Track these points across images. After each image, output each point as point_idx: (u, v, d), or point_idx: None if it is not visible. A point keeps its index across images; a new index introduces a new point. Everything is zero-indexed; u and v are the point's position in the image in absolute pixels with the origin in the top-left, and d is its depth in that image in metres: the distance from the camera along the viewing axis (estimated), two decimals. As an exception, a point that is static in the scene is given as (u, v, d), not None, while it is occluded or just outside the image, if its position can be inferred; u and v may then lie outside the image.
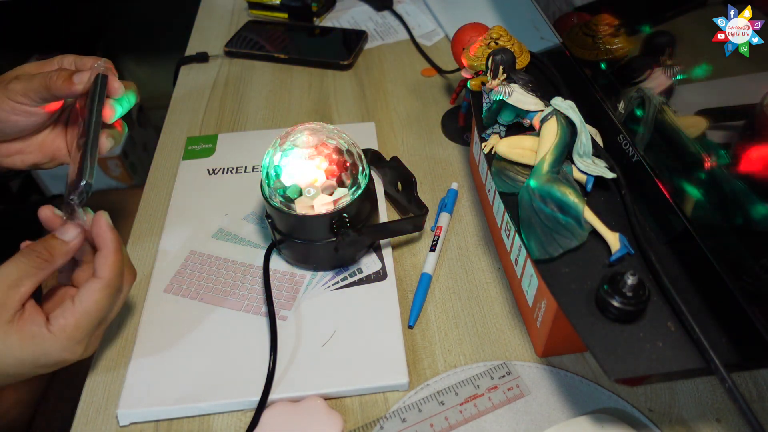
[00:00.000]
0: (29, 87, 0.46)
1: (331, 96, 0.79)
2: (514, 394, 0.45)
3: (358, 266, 0.54)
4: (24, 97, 0.46)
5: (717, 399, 0.44)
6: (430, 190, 0.63)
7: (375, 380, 0.46)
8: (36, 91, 0.46)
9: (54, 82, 0.45)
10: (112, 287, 0.41)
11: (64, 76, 0.45)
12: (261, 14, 0.96)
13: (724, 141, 0.39)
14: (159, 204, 0.63)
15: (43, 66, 0.50)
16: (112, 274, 0.41)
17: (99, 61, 0.48)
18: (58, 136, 0.52)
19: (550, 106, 0.47)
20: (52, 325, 0.39)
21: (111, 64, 0.48)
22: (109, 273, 0.40)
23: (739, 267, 0.35)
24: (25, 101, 0.47)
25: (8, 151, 0.51)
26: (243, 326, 0.50)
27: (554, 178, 0.43)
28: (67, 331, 0.39)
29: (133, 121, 1.58)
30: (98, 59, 0.49)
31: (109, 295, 0.40)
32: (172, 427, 0.45)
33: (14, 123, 0.48)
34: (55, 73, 0.46)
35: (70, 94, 0.46)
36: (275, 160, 0.49)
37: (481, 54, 0.54)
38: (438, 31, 0.91)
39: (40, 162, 0.52)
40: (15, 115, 0.47)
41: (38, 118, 0.49)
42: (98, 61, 0.48)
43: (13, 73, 0.49)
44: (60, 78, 0.45)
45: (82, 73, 0.46)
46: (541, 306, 0.45)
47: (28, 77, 0.46)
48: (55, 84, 0.45)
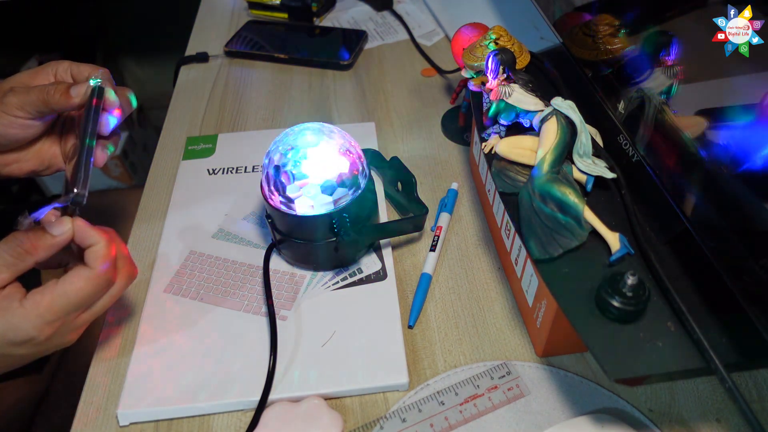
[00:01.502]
0: (26, 101, 0.45)
1: (331, 96, 0.79)
2: (514, 394, 0.45)
3: (358, 266, 0.54)
4: (21, 111, 0.46)
5: (717, 399, 0.44)
6: (430, 190, 0.63)
7: (375, 380, 0.46)
8: (33, 105, 0.45)
9: (52, 97, 0.45)
10: (100, 280, 0.40)
11: (62, 90, 0.45)
12: (261, 14, 0.96)
13: (724, 141, 0.39)
14: (159, 204, 0.63)
15: (36, 75, 0.49)
16: (103, 268, 0.40)
17: (97, 72, 0.48)
18: (54, 144, 0.52)
19: (550, 106, 0.47)
20: (26, 299, 0.38)
21: (108, 74, 0.48)
22: (100, 265, 0.40)
23: (739, 267, 0.35)
24: (22, 115, 0.46)
25: (6, 161, 0.51)
26: (243, 326, 0.50)
27: (554, 178, 0.43)
28: (40, 308, 0.38)
29: (133, 121, 1.58)
30: (95, 68, 0.48)
31: (95, 286, 0.40)
32: (172, 427, 0.45)
33: (12, 135, 0.47)
34: (53, 87, 0.45)
35: (68, 107, 0.46)
36: (275, 159, 0.49)
37: (481, 54, 0.54)
38: (438, 31, 0.91)
39: (37, 169, 0.52)
40: (12, 129, 0.47)
41: (35, 130, 0.48)
42: (96, 72, 0.47)
43: (7, 85, 0.48)
44: (57, 92, 0.45)
45: (79, 86, 0.45)
46: (541, 306, 0.45)
47: (24, 91, 0.46)
48: (53, 98, 0.45)
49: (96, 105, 0.45)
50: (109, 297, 0.42)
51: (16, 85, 0.47)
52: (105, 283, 0.41)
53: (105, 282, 0.41)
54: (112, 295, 0.43)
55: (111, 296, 0.43)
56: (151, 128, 1.64)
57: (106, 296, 0.42)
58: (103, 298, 0.42)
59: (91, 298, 0.41)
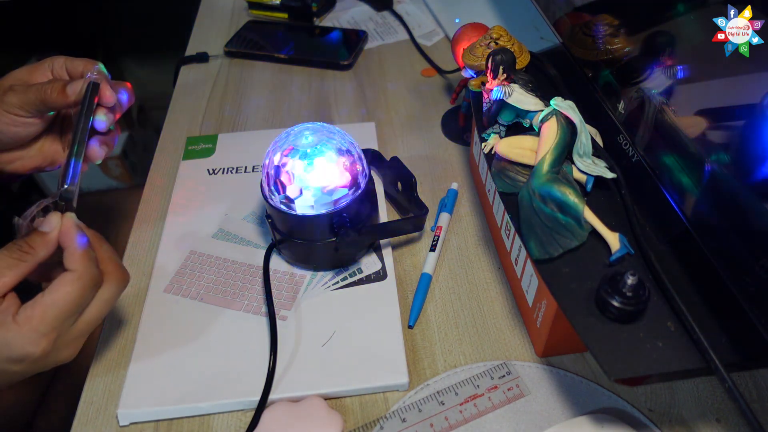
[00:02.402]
0: (25, 100, 0.47)
1: (331, 96, 0.79)
2: (514, 394, 0.45)
3: (358, 266, 0.54)
4: (20, 110, 0.47)
5: (717, 399, 0.44)
6: (430, 190, 0.63)
7: (375, 380, 0.46)
8: (32, 103, 0.47)
9: (49, 96, 0.46)
10: (84, 280, 0.39)
11: (58, 89, 0.46)
12: (261, 14, 0.96)
13: (724, 141, 0.39)
14: (159, 204, 0.63)
15: (33, 71, 0.50)
16: (82, 267, 0.39)
17: (94, 67, 0.48)
18: (56, 140, 0.53)
19: (550, 106, 0.47)
20: (18, 315, 0.38)
21: (103, 72, 0.48)
22: (77, 265, 0.39)
23: (739, 267, 0.35)
24: (22, 113, 0.47)
25: (9, 159, 0.52)
26: (243, 326, 0.50)
27: (554, 178, 0.43)
28: (32, 322, 0.38)
29: (133, 121, 1.58)
30: (90, 63, 0.49)
31: (81, 287, 0.39)
32: (172, 427, 0.45)
33: (14, 134, 0.49)
34: (50, 86, 0.47)
35: (65, 105, 0.47)
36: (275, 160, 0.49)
37: (481, 54, 0.54)
38: (438, 31, 0.91)
39: (41, 165, 0.53)
40: (14, 127, 0.48)
41: (36, 128, 0.50)
42: (93, 67, 0.48)
43: (6, 82, 0.49)
44: (54, 90, 0.46)
45: (75, 84, 0.46)
46: (541, 306, 0.45)
47: (23, 89, 0.47)
48: (50, 97, 0.46)
49: (88, 101, 0.46)
50: (101, 302, 0.41)
51: (14, 83, 0.48)
52: (90, 283, 0.40)
53: (90, 282, 0.40)
54: (104, 299, 0.41)
55: (104, 301, 0.41)
56: (151, 128, 1.64)
57: (98, 302, 0.41)
58: (94, 304, 0.41)
59: (80, 301, 0.39)
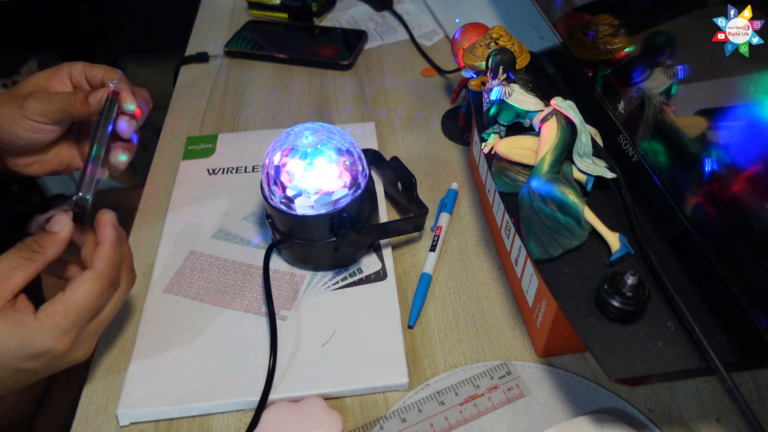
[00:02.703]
0: (48, 109, 0.47)
1: (331, 96, 0.79)
2: (514, 394, 0.45)
3: (358, 266, 0.54)
4: (42, 117, 0.48)
5: (717, 399, 0.44)
6: (430, 190, 0.63)
7: (375, 380, 0.46)
8: (55, 113, 0.48)
9: (73, 106, 0.47)
10: (105, 279, 0.40)
11: (81, 99, 0.47)
12: (261, 14, 0.96)
13: (723, 141, 0.39)
14: (159, 204, 0.63)
15: (51, 77, 0.50)
16: (105, 266, 0.40)
17: (115, 76, 0.49)
18: (72, 146, 0.54)
19: (550, 106, 0.47)
20: (39, 312, 0.38)
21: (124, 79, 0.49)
22: (102, 264, 0.40)
23: (739, 267, 0.35)
24: (43, 120, 0.48)
25: (27, 162, 0.53)
26: (243, 326, 0.50)
27: (554, 178, 0.43)
28: (54, 318, 0.38)
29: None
30: (110, 71, 0.50)
31: (100, 286, 0.40)
32: (172, 427, 0.45)
33: (33, 139, 0.49)
34: (74, 96, 0.47)
35: (88, 115, 0.47)
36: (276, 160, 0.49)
37: (481, 54, 0.54)
38: (438, 31, 0.91)
39: (57, 169, 0.54)
40: (33, 133, 0.49)
41: (55, 134, 0.50)
42: (114, 76, 0.49)
43: (26, 88, 0.49)
44: (77, 101, 0.47)
45: (97, 93, 0.47)
46: (541, 306, 0.45)
47: (46, 98, 0.48)
48: (74, 107, 0.47)
49: (107, 111, 0.46)
50: (115, 300, 0.43)
51: (34, 89, 0.49)
52: (109, 284, 0.41)
53: (109, 281, 0.41)
54: (118, 297, 0.43)
55: (117, 299, 0.43)
56: (151, 128, 1.63)
57: (114, 300, 0.43)
58: (110, 303, 0.42)
59: (100, 300, 0.41)
